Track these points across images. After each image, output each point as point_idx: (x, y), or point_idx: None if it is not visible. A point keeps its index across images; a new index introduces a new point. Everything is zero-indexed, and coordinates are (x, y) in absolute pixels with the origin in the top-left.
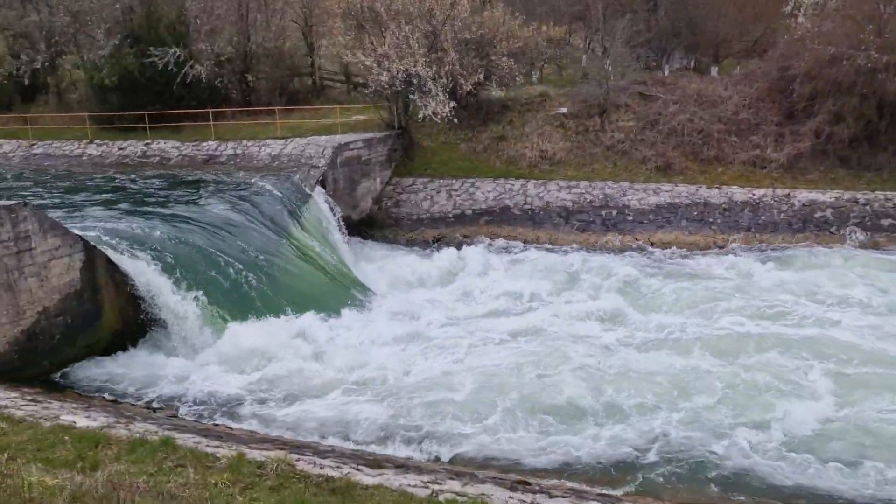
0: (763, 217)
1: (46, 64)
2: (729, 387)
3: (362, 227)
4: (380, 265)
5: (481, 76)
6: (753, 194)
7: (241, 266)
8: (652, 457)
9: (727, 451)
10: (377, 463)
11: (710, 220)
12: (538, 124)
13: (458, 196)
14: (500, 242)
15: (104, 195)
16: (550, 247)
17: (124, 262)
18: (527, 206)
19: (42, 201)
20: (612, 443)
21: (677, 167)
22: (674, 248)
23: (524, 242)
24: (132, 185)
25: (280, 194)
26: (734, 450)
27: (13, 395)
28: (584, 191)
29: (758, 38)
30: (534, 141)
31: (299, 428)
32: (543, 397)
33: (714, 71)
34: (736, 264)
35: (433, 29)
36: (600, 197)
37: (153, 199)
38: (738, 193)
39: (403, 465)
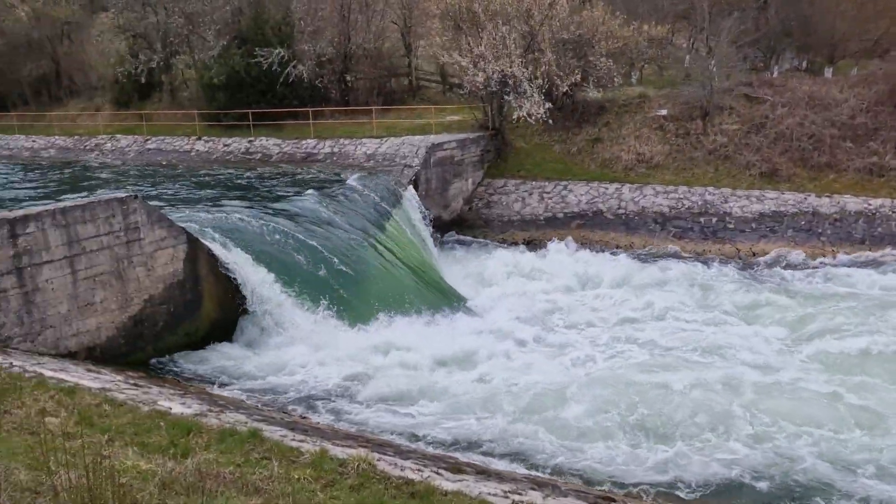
0: (879, 229)
1: (162, 63)
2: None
3: (452, 227)
4: (469, 266)
5: (578, 77)
6: (869, 204)
7: (335, 261)
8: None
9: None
10: (457, 468)
11: (819, 230)
12: (636, 126)
13: (550, 198)
14: (591, 245)
15: (208, 189)
16: (644, 253)
17: (224, 254)
18: (621, 211)
19: (151, 194)
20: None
21: (784, 174)
22: (778, 258)
23: (617, 248)
24: (235, 181)
25: (374, 193)
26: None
27: (118, 377)
28: (682, 196)
29: (879, 38)
30: (630, 144)
31: (387, 430)
32: (673, 413)
33: (828, 72)
34: (877, 281)
35: (530, 29)
36: (699, 203)
37: (253, 194)
38: (852, 203)
39: (484, 472)
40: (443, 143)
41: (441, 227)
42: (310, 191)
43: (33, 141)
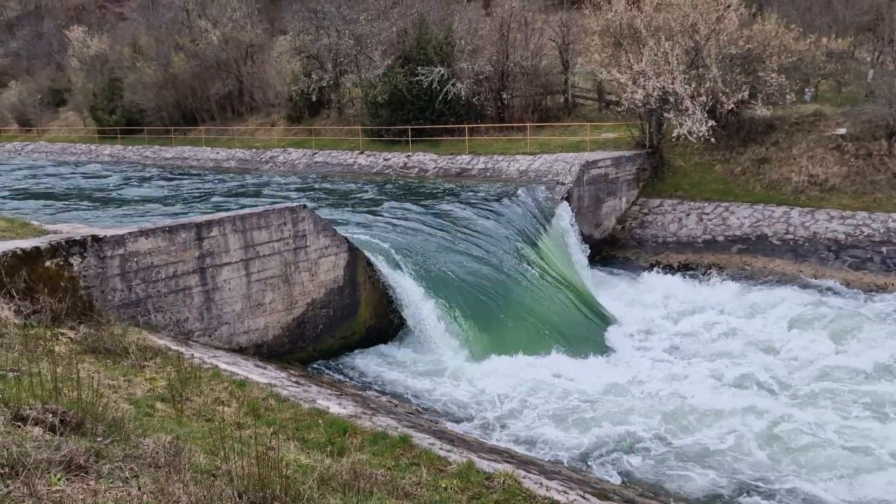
0: None
1: (331, 82)
2: None
3: (604, 246)
4: (622, 287)
5: (745, 94)
6: None
7: (486, 275)
8: None
9: None
10: (603, 494)
11: None
12: (808, 146)
13: (710, 220)
14: (754, 272)
15: (368, 200)
16: (816, 282)
17: (381, 264)
18: (788, 236)
19: (317, 203)
20: None
21: None
22: None
23: (784, 275)
24: (392, 193)
25: (525, 208)
26: None
27: (282, 374)
28: (861, 223)
29: None
30: (802, 164)
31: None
32: None
33: None
34: None
35: (695, 45)
36: (881, 231)
37: (409, 208)
38: None
39: (631, 501)
40: (597, 160)
41: (593, 246)
42: (461, 203)
43: (217, 152)
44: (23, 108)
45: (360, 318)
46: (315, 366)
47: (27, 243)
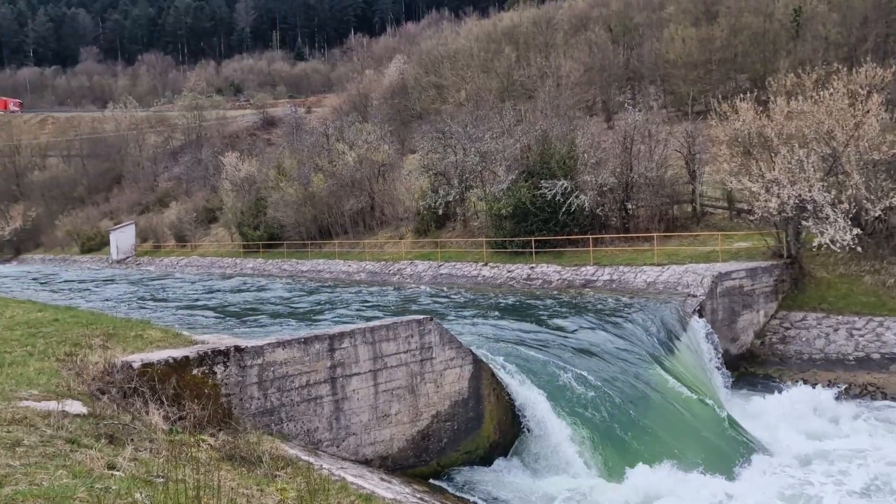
0: None
1: (457, 196)
2: None
3: (741, 362)
4: (764, 407)
5: (893, 199)
6: None
7: (616, 393)
8: None
9: None
10: None
11: None
12: None
13: (861, 336)
14: None
15: (493, 312)
16: None
17: (507, 377)
18: None
19: (441, 314)
20: None
21: None
22: None
23: None
24: (516, 305)
25: (655, 322)
26: None
27: (406, 490)
28: None
29: None
30: None
31: None
32: None
33: None
34: None
35: (832, 151)
36: None
37: (533, 320)
38: None
39: None
40: (730, 271)
41: (729, 362)
42: (586, 316)
43: (349, 265)
44: (180, 226)
45: (484, 432)
46: (438, 482)
47: (178, 352)
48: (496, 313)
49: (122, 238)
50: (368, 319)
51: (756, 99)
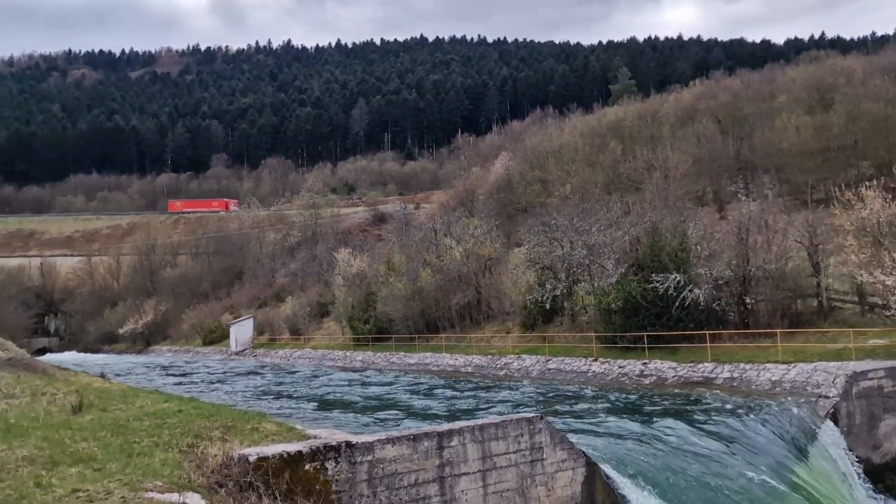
0: None
1: (564, 291)
2: None
3: (886, 473)
4: None
5: None
6: None
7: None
8: None
9: None
10: None
11: None
12: None
13: None
14: None
15: (605, 410)
16: None
17: (624, 483)
18: None
19: (552, 412)
20: None
21: None
22: None
23: None
24: (629, 403)
25: (782, 426)
26: None
27: None
28: None
29: None
30: None
31: None
32: None
33: None
34: None
35: None
36: None
37: (648, 419)
38: None
39: None
40: (867, 370)
41: (870, 473)
42: (707, 418)
43: (455, 358)
44: (294, 319)
45: None
46: None
47: (292, 447)
48: (608, 411)
49: (241, 331)
50: (474, 416)
51: (883, 186)
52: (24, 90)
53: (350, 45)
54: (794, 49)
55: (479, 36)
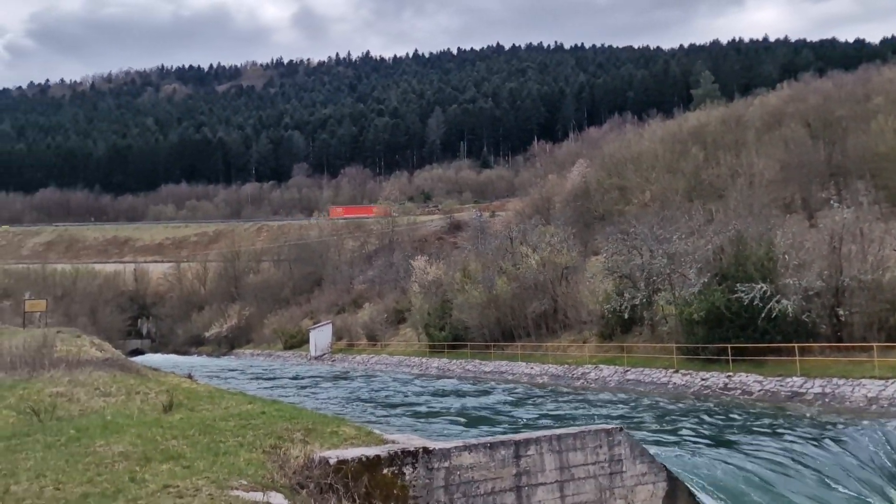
0: None
1: (644, 300)
2: None
3: None
4: None
5: None
6: None
7: None
8: None
9: None
10: None
11: None
12: None
13: None
14: None
15: (688, 423)
16: None
17: (708, 501)
18: None
19: (632, 424)
20: None
21: None
22: None
23: None
24: (715, 416)
25: (881, 447)
26: None
27: None
28: None
29: None
30: None
31: None
32: None
33: None
34: None
35: None
36: None
37: (738, 434)
38: None
39: None
40: None
41: None
42: (798, 434)
43: (531, 367)
44: (371, 326)
45: None
46: None
47: (370, 451)
48: (691, 425)
49: (321, 336)
50: (552, 426)
51: None
52: (121, 105)
53: (427, 55)
54: (892, 48)
55: (555, 42)
